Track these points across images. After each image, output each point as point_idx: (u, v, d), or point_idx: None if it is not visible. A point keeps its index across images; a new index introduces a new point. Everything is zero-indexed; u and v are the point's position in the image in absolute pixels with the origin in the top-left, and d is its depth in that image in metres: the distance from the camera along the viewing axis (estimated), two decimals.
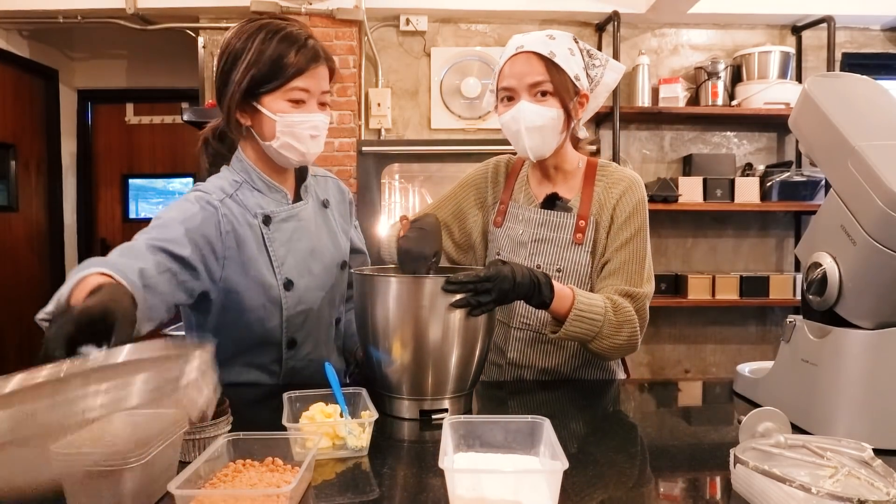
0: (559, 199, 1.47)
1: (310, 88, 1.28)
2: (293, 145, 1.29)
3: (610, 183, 1.46)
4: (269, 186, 1.36)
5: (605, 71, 1.44)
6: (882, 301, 1.02)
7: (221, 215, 1.27)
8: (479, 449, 0.92)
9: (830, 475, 0.80)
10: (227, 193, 1.31)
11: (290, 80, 1.26)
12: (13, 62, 3.88)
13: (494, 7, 3.47)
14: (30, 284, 4.06)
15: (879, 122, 1.09)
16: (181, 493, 0.76)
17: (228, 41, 1.29)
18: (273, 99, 1.27)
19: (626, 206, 1.43)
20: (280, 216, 1.35)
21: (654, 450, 1.07)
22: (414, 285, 1.16)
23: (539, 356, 1.48)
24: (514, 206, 1.52)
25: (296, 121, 1.28)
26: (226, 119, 1.33)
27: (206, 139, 1.45)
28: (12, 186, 3.92)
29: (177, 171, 4.55)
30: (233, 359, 1.38)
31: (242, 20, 1.33)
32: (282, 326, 1.36)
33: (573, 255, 1.44)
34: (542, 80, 1.35)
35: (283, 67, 1.25)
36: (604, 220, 1.44)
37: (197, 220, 1.23)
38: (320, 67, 1.30)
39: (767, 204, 3.43)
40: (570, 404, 1.34)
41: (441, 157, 3.35)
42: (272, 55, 1.24)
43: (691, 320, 3.67)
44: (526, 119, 1.36)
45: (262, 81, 1.25)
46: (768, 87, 3.38)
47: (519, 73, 1.36)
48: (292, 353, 1.40)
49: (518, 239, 1.49)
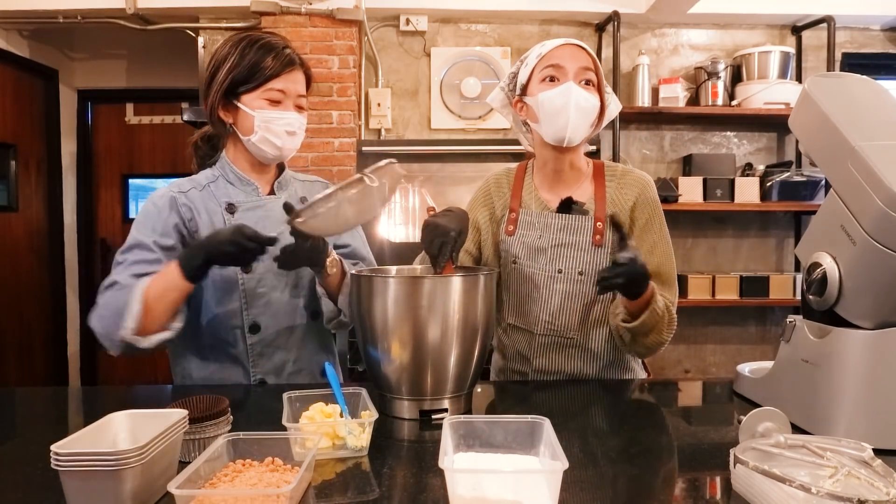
0: (574, 202, 1.48)
1: (286, 90, 1.41)
2: (270, 140, 1.41)
3: (622, 183, 1.49)
4: (241, 180, 1.48)
5: (612, 99, 1.49)
6: (882, 301, 1.02)
7: (180, 204, 1.41)
8: (479, 449, 0.92)
9: (830, 475, 0.80)
10: (200, 185, 1.46)
11: (266, 82, 1.39)
12: (13, 62, 3.88)
13: (494, 7, 3.47)
14: (30, 284, 4.06)
15: (879, 122, 1.09)
16: (181, 493, 0.76)
17: (216, 50, 1.44)
18: (252, 98, 1.40)
19: (646, 208, 1.46)
20: (246, 206, 1.46)
21: (654, 450, 1.07)
22: (412, 285, 1.16)
23: (565, 361, 1.49)
24: (526, 213, 1.52)
25: (272, 116, 1.40)
26: (209, 117, 1.45)
27: (196, 142, 1.57)
28: (12, 186, 3.92)
29: (177, 171, 4.54)
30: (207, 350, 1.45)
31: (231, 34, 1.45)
32: (241, 308, 1.43)
33: (594, 258, 1.45)
34: (591, 68, 1.41)
35: (261, 70, 1.38)
36: (622, 220, 1.45)
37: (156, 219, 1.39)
38: (296, 72, 1.43)
39: (767, 204, 3.43)
40: (570, 404, 1.34)
41: (441, 157, 3.35)
42: (251, 59, 1.39)
43: (691, 320, 3.67)
44: (575, 99, 1.38)
45: (241, 82, 1.39)
46: (768, 87, 3.38)
47: (572, 55, 1.40)
48: (257, 339, 1.44)
49: (536, 245, 1.48)
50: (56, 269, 4.29)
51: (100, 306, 1.30)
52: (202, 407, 1.00)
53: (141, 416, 0.91)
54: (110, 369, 4.54)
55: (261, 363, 1.45)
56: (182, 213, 1.41)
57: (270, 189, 1.52)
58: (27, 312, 4.03)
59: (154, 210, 1.40)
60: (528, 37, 3.60)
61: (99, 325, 1.29)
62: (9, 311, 3.86)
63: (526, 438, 0.92)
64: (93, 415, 0.99)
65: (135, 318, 1.25)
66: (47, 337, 4.23)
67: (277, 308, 1.46)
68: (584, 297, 1.45)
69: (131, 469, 0.77)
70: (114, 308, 1.27)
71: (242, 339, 1.44)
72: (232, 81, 1.39)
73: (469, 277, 1.19)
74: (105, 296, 1.31)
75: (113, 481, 0.77)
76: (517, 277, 1.50)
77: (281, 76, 1.39)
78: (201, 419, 0.98)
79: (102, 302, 1.30)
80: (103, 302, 1.30)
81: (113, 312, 1.27)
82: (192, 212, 1.42)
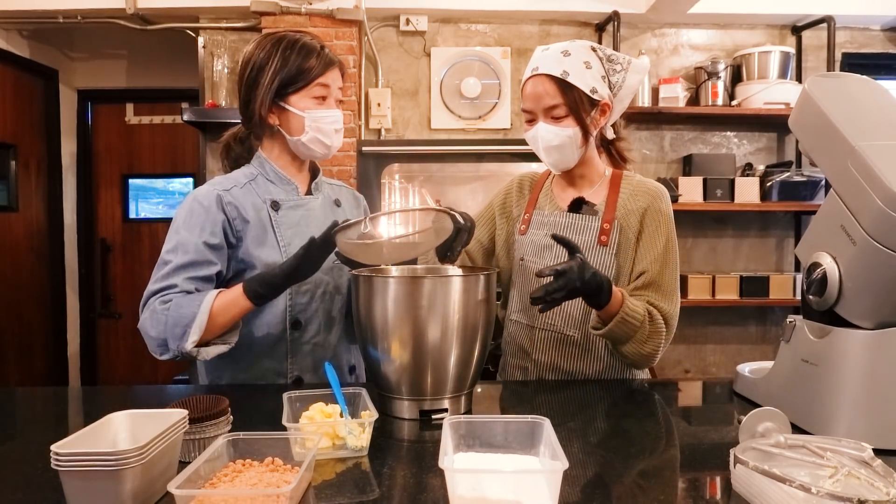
0: (585, 202, 1.50)
1: (330, 85, 1.45)
2: (320, 139, 1.45)
3: (635, 192, 1.49)
4: (281, 178, 1.50)
5: (628, 74, 1.46)
6: (882, 301, 1.02)
7: (225, 203, 1.41)
8: (479, 449, 0.92)
9: (830, 475, 0.80)
10: (240, 184, 1.46)
11: (315, 79, 1.42)
12: (13, 62, 3.88)
13: (494, 7, 3.47)
14: (30, 284, 4.05)
15: (879, 122, 1.09)
16: (181, 493, 0.76)
17: (251, 53, 1.45)
18: (300, 98, 1.43)
19: (656, 216, 1.46)
20: (289, 204, 1.48)
21: (654, 450, 1.07)
22: (412, 285, 1.16)
23: (564, 359, 1.50)
24: (539, 214, 1.56)
25: (321, 115, 1.44)
26: (255, 120, 1.45)
27: (229, 144, 1.58)
28: (12, 186, 3.92)
29: (177, 171, 4.54)
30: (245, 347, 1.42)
31: (260, 36, 1.48)
32: (286, 305, 1.43)
33: (598, 257, 1.47)
34: (556, 103, 1.41)
35: (308, 70, 1.42)
36: (631, 224, 1.46)
37: (204, 218, 1.38)
38: (336, 70, 1.47)
39: (767, 204, 3.43)
40: (570, 404, 1.34)
41: (441, 157, 3.35)
42: (297, 60, 1.41)
43: (691, 320, 3.66)
44: (543, 139, 1.44)
45: (289, 83, 1.42)
46: (768, 87, 3.38)
47: (534, 96, 1.43)
48: (297, 336, 1.45)
49: (542, 243, 1.51)
50: (56, 269, 4.29)
51: (157, 311, 1.30)
52: (202, 407, 1.00)
53: (141, 416, 0.91)
54: (110, 369, 4.53)
55: (299, 360, 1.46)
56: (228, 211, 1.40)
57: (307, 189, 1.54)
58: (27, 312, 4.03)
59: (201, 209, 1.39)
60: (528, 37, 3.60)
61: (155, 331, 1.29)
62: (9, 311, 3.86)
63: (526, 438, 0.92)
64: (93, 415, 0.99)
65: (199, 332, 1.26)
66: (47, 337, 4.23)
67: (318, 305, 1.48)
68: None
69: (131, 469, 0.77)
70: (176, 318, 1.27)
71: (283, 336, 1.45)
72: (280, 83, 1.41)
73: (469, 277, 1.19)
74: (162, 301, 1.30)
75: (113, 481, 0.77)
76: (523, 275, 1.54)
77: (324, 74, 1.43)
78: (201, 419, 0.98)
79: (161, 308, 1.29)
80: (162, 308, 1.29)
81: (176, 322, 1.27)
82: (237, 210, 1.42)
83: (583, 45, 1.44)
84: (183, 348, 1.27)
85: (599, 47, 1.46)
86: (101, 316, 4.49)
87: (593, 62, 1.43)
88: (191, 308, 1.27)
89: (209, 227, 1.37)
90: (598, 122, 1.46)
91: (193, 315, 1.27)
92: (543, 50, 1.46)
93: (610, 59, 1.46)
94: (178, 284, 1.32)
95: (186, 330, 1.27)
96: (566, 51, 1.42)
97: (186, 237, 1.36)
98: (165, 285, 1.32)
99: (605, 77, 1.44)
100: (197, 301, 1.28)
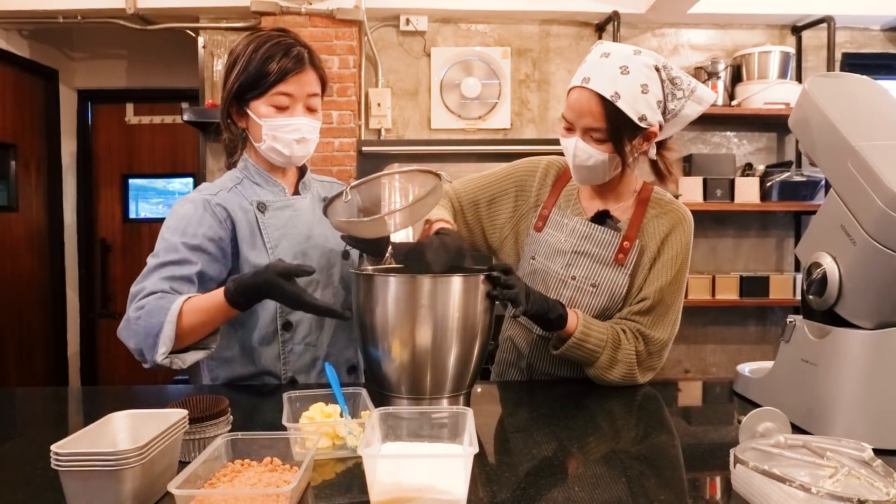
0: (610, 216, 1.44)
1: (293, 93, 1.37)
2: (277, 149, 1.39)
3: (661, 212, 1.45)
4: (267, 180, 1.47)
5: (687, 103, 1.35)
6: (882, 301, 1.02)
7: (214, 205, 1.39)
8: (407, 439, 0.97)
9: (830, 475, 0.80)
10: (227, 188, 1.43)
11: (272, 87, 1.35)
12: (13, 62, 3.88)
13: (494, 7, 3.47)
14: (30, 284, 4.06)
15: (879, 122, 1.09)
16: (181, 493, 0.76)
17: (233, 48, 1.41)
18: (259, 104, 1.37)
19: (675, 245, 1.43)
20: (276, 205, 1.45)
21: (654, 450, 1.07)
22: (412, 285, 1.16)
23: (556, 363, 1.48)
24: (559, 214, 1.49)
25: (279, 124, 1.37)
26: (222, 121, 1.45)
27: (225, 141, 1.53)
28: (12, 186, 3.92)
29: (177, 171, 4.54)
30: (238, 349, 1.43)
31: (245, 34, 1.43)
32: (276, 308, 1.42)
33: (612, 274, 1.42)
34: (597, 126, 1.31)
35: (266, 74, 1.35)
36: (650, 247, 1.43)
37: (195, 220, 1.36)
38: (305, 73, 1.38)
39: (767, 204, 3.43)
40: (570, 404, 1.34)
41: (441, 157, 3.35)
42: (258, 63, 1.35)
43: (691, 320, 3.66)
44: (577, 157, 1.35)
45: (248, 88, 1.37)
46: (768, 87, 3.38)
47: (577, 111, 1.32)
48: (289, 337, 1.44)
49: (557, 247, 1.46)
50: (56, 269, 4.29)
51: (131, 320, 1.26)
52: (202, 407, 1.00)
53: (141, 416, 0.91)
54: (110, 369, 4.54)
55: (291, 361, 1.45)
56: (217, 213, 1.38)
57: (295, 189, 1.51)
58: (27, 312, 4.03)
59: (185, 213, 1.37)
60: (528, 37, 3.60)
61: (132, 341, 1.26)
62: (9, 311, 3.86)
63: (451, 428, 0.97)
64: (93, 415, 0.99)
65: (168, 343, 1.22)
66: (47, 337, 4.23)
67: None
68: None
69: (131, 469, 0.77)
70: (147, 328, 1.23)
71: (275, 338, 1.43)
72: (240, 87, 1.37)
73: (469, 278, 1.19)
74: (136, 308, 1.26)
75: (113, 481, 0.77)
76: (531, 273, 1.49)
77: (288, 79, 1.35)
78: (201, 419, 0.98)
79: (134, 316, 1.26)
80: (135, 316, 1.26)
81: (147, 332, 1.23)
82: (226, 212, 1.39)
83: (645, 63, 1.30)
84: (154, 360, 1.23)
85: (665, 66, 1.32)
86: (101, 316, 4.49)
87: (652, 85, 1.30)
88: (159, 317, 1.23)
89: (191, 230, 1.34)
90: (639, 147, 1.37)
91: (159, 325, 1.22)
92: (602, 55, 1.32)
93: (674, 81, 1.34)
94: (146, 286, 1.28)
95: (156, 341, 1.22)
96: (625, 67, 1.28)
97: (168, 239, 1.34)
98: (139, 287, 1.29)
99: (662, 102, 1.33)
100: (166, 308, 1.23)
